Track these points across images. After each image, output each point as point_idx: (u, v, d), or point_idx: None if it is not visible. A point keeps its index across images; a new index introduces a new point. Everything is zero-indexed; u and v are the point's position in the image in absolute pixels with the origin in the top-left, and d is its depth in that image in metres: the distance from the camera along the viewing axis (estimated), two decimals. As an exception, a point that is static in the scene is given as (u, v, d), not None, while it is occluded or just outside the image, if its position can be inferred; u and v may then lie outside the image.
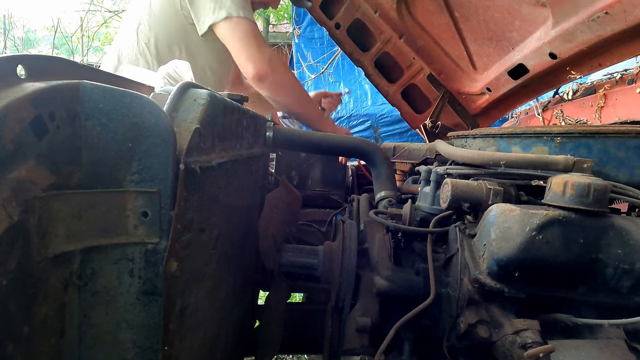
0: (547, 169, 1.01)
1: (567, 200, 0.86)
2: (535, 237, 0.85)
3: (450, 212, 1.13)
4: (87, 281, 0.63)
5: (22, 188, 0.52)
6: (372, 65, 2.38)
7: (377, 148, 1.62)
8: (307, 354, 2.38)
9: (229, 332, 1.15)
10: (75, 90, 0.60)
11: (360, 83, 5.84)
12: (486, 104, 2.20)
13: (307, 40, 6.15)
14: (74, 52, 8.48)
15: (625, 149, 1.04)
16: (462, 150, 1.24)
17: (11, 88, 0.54)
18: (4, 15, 9.40)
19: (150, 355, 0.66)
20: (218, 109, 0.83)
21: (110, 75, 0.84)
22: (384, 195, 1.49)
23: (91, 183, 0.62)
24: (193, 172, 0.71)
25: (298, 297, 3.15)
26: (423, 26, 2.14)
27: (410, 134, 5.42)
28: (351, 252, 1.18)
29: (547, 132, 1.12)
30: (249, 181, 1.23)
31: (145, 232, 0.64)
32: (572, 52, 1.58)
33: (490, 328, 0.92)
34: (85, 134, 0.62)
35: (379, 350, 0.97)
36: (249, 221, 1.26)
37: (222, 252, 0.97)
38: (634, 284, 0.87)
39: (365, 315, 1.11)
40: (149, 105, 0.63)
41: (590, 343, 0.81)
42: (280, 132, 1.45)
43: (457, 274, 0.99)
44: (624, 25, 1.35)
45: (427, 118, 2.23)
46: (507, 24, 1.78)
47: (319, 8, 2.24)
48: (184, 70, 1.09)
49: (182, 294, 0.72)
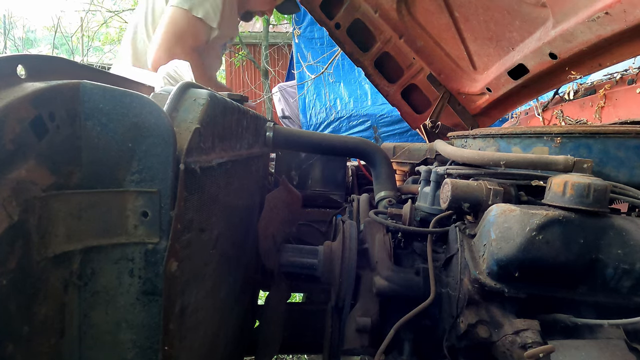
0: (547, 169, 1.01)
1: (567, 200, 0.86)
2: (535, 237, 0.85)
3: (450, 212, 1.13)
4: (87, 281, 0.63)
5: (22, 188, 0.52)
6: (372, 65, 2.38)
7: (377, 148, 1.62)
8: (307, 354, 2.38)
9: (229, 332, 1.15)
10: (75, 90, 0.60)
11: (360, 83, 5.85)
12: (486, 104, 2.20)
13: (307, 40, 6.16)
14: (74, 52, 8.48)
15: (625, 149, 1.04)
16: (462, 151, 1.24)
17: (11, 88, 0.54)
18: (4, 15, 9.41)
19: (150, 355, 0.66)
20: (218, 109, 0.83)
21: (110, 75, 0.84)
22: (384, 195, 1.49)
23: (91, 183, 0.62)
24: (193, 172, 0.71)
25: (298, 297, 3.15)
26: (423, 26, 2.14)
27: (410, 134, 5.43)
28: (351, 252, 1.18)
29: (547, 132, 1.12)
30: (249, 181, 1.23)
31: (145, 232, 0.64)
32: (572, 52, 1.58)
33: (490, 328, 0.92)
34: (85, 134, 0.62)
35: (379, 350, 0.97)
36: (249, 221, 1.26)
37: (222, 252, 0.97)
38: (634, 284, 0.87)
39: (365, 315, 1.11)
40: (149, 105, 0.63)
41: (590, 343, 0.81)
42: (280, 132, 1.45)
43: (457, 274, 0.99)
44: (624, 26, 1.35)
45: (427, 118, 2.23)
46: (507, 24, 1.78)
47: (319, 8, 2.24)
48: (184, 70, 1.09)
49: (182, 294, 0.72)
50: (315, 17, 2.29)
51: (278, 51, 9.27)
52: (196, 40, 2.02)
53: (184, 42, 1.95)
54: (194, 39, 2.00)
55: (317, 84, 5.95)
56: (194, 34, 1.98)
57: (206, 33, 2.04)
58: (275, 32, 8.97)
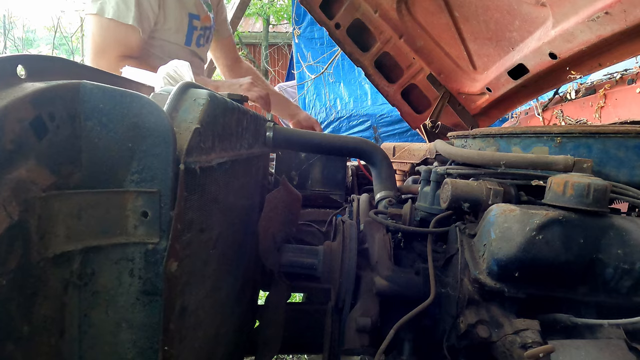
0: (547, 169, 1.01)
1: (567, 200, 0.86)
2: (535, 237, 0.85)
3: (450, 212, 1.13)
4: (87, 281, 0.63)
5: (22, 188, 0.52)
6: (372, 65, 2.39)
7: (377, 148, 1.62)
8: (307, 354, 2.38)
9: (229, 332, 1.15)
10: (76, 90, 0.60)
11: (360, 83, 5.85)
12: (486, 104, 2.20)
13: (307, 40, 6.15)
14: (74, 52, 8.48)
15: (625, 149, 1.04)
16: (462, 150, 1.24)
17: (11, 88, 0.54)
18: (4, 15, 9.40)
19: (150, 355, 0.66)
20: (218, 109, 0.83)
21: (110, 76, 0.84)
22: (384, 195, 1.49)
23: (91, 183, 0.62)
24: (193, 172, 0.71)
25: (298, 297, 3.15)
26: (423, 26, 2.14)
27: (410, 134, 5.42)
28: (351, 252, 1.18)
29: (547, 132, 1.12)
30: (249, 181, 1.23)
31: (145, 232, 0.64)
32: (572, 52, 1.58)
33: (490, 328, 0.92)
34: (85, 134, 0.62)
35: (379, 350, 0.97)
36: (249, 221, 1.26)
37: (222, 252, 0.97)
38: (634, 284, 0.87)
39: (365, 315, 1.11)
40: (149, 105, 0.63)
41: (590, 343, 0.81)
42: (280, 132, 1.44)
43: (457, 274, 0.99)
44: (624, 25, 1.36)
45: (427, 118, 2.24)
46: (507, 24, 1.78)
47: (319, 8, 2.24)
48: (184, 70, 1.09)
49: (182, 294, 0.72)
50: (315, 17, 2.29)
51: (278, 51, 9.27)
52: (120, 45, 1.76)
53: (107, 54, 1.74)
54: (116, 46, 1.75)
55: (317, 84, 5.95)
56: (115, 40, 1.74)
57: (131, 32, 1.75)
58: (275, 32, 8.98)
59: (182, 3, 1.99)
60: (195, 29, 2.09)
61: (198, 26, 2.10)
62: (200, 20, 2.11)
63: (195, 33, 2.11)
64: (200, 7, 2.10)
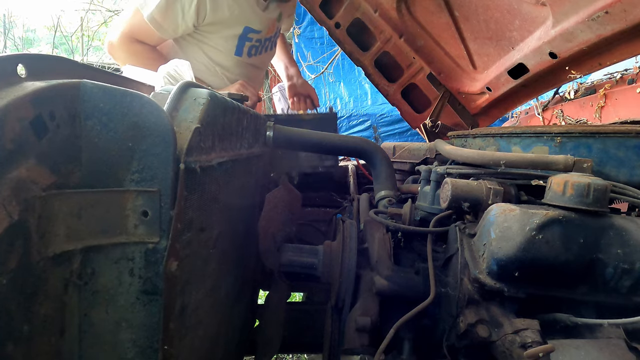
0: (547, 168, 1.01)
1: (567, 200, 0.86)
2: (535, 236, 0.85)
3: (450, 212, 1.13)
4: (87, 281, 0.63)
5: (22, 187, 0.52)
6: (372, 64, 2.38)
7: (377, 148, 1.61)
8: (307, 353, 2.38)
9: (229, 331, 1.15)
10: (76, 89, 0.60)
11: (360, 83, 5.84)
12: (486, 104, 2.20)
13: (307, 40, 6.14)
14: (74, 51, 8.46)
15: (625, 149, 1.04)
16: (462, 150, 1.24)
17: (11, 87, 0.54)
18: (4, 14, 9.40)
19: (150, 355, 0.66)
20: (218, 108, 0.83)
21: (111, 75, 0.84)
22: (384, 195, 1.49)
23: (91, 182, 0.62)
24: (193, 171, 0.71)
25: (298, 297, 3.15)
26: (423, 26, 2.14)
27: (410, 133, 5.42)
28: (351, 252, 1.18)
29: (547, 132, 1.12)
30: (249, 181, 1.23)
31: (146, 231, 0.64)
32: (572, 52, 1.58)
33: (490, 328, 0.92)
34: (86, 134, 0.62)
35: (379, 350, 0.97)
36: (249, 221, 1.26)
37: (222, 252, 0.97)
38: (634, 283, 0.87)
39: (365, 314, 1.11)
40: (149, 104, 0.63)
41: (590, 343, 0.81)
42: (280, 132, 1.44)
43: (457, 273, 0.99)
44: (624, 25, 1.35)
45: (427, 118, 2.23)
46: (507, 23, 1.78)
47: (319, 7, 2.24)
48: (184, 70, 1.09)
49: (182, 294, 0.72)
50: (315, 16, 2.29)
51: (278, 51, 9.27)
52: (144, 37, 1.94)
53: (134, 32, 1.90)
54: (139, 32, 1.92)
55: (317, 83, 5.94)
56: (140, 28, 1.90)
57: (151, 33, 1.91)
58: (275, 32, 8.98)
59: (240, 20, 2.02)
60: (250, 40, 2.14)
61: (254, 38, 2.15)
62: (260, 34, 2.15)
63: (248, 44, 2.15)
64: (267, 21, 2.14)
